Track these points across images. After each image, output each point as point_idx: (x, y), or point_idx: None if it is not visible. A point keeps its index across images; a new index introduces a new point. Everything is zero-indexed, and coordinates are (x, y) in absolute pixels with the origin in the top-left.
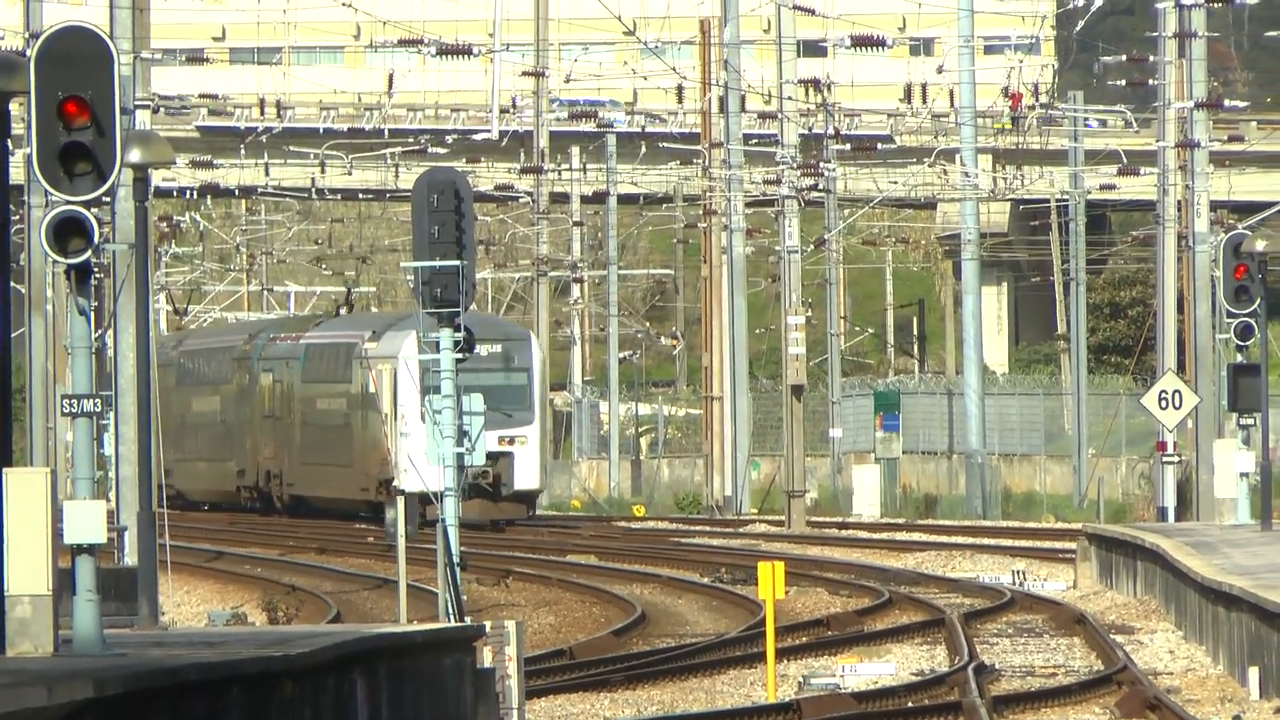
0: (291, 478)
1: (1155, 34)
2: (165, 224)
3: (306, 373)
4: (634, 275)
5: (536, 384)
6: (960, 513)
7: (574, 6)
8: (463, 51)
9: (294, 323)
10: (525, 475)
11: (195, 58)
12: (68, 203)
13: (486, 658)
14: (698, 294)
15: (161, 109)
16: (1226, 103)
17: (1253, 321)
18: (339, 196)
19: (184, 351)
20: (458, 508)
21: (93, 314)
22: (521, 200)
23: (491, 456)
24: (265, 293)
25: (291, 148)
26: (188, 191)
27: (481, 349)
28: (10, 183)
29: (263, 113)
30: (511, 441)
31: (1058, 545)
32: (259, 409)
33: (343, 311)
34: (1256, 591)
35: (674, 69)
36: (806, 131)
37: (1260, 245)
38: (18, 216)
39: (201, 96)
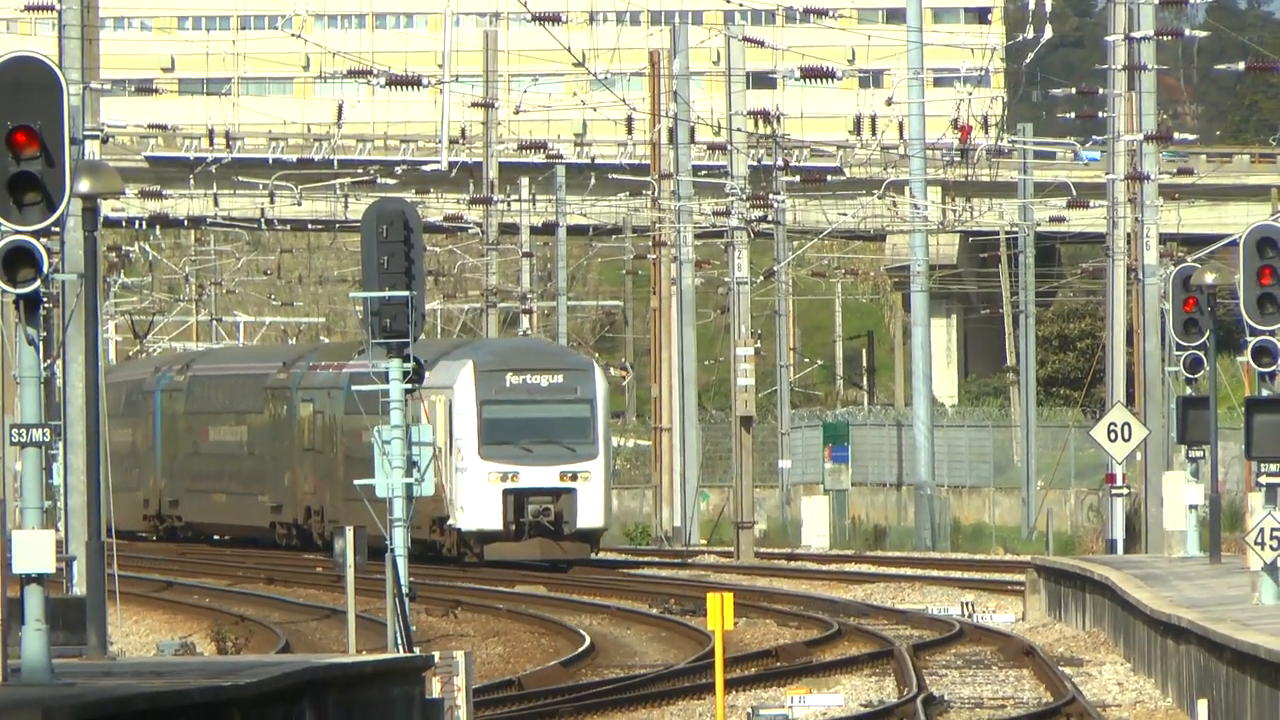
0: (334, 514)
1: (1105, 67)
2: (114, 254)
3: (351, 404)
4: (583, 306)
5: (600, 416)
6: (909, 544)
7: (523, 39)
8: (412, 82)
9: (334, 350)
10: (588, 513)
11: (144, 88)
12: (17, 232)
13: (435, 688)
14: (647, 325)
15: (110, 139)
16: (1176, 135)
17: (1202, 354)
18: (288, 227)
19: (196, 377)
20: (406, 538)
21: (41, 344)
22: (470, 231)
23: (553, 493)
24: (214, 323)
25: (240, 178)
26: (137, 221)
27: (541, 379)
28: None
29: (212, 143)
30: (574, 477)
31: (1006, 577)
32: (298, 441)
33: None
34: (1205, 624)
35: (623, 100)
36: (756, 163)
37: (1209, 278)
38: None
39: (150, 127)
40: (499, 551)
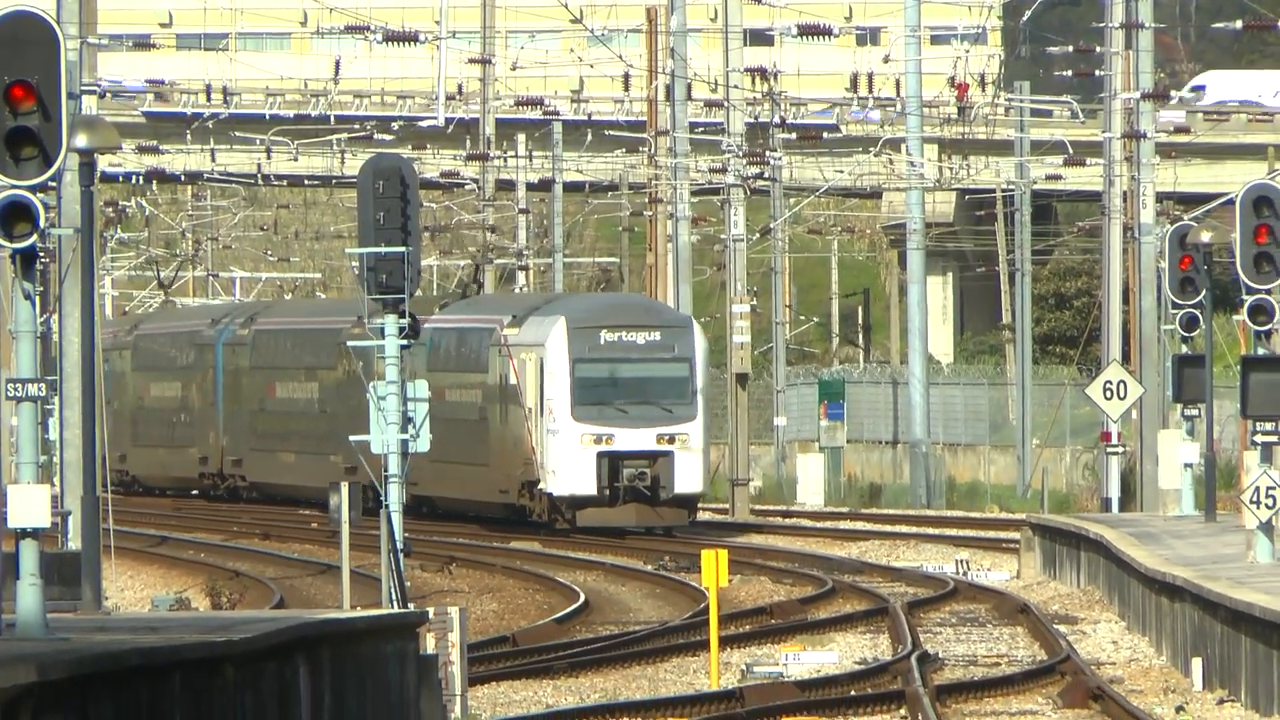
0: (415, 477)
1: (1102, 25)
2: (111, 209)
3: (432, 361)
4: (580, 263)
5: (699, 375)
6: (904, 502)
7: None
8: (409, 38)
9: (417, 304)
10: (686, 478)
11: (142, 43)
12: (14, 187)
13: (429, 644)
14: (643, 282)
15: (108, 94)
16: (1173, 94)
17: (1198, 313)
18: (285, 182)
19: (262, 331)
20: (402, 493)
21: (38, 298)
22: (467, 187)
23: (649, 456)
24: (210, 278)
25: (237, 134)
26: (134, 177)
27: (637, 336)
28: None
29: (209, 99)
30: (671, 440)
31: (1001, 535)
32: None
33: (469, 291)
34: (1200, 582)
35: (620, 57)
36: (753, 120)
37: (1206, 237)
38: None
39: (148, 82)
40: (592, 518)
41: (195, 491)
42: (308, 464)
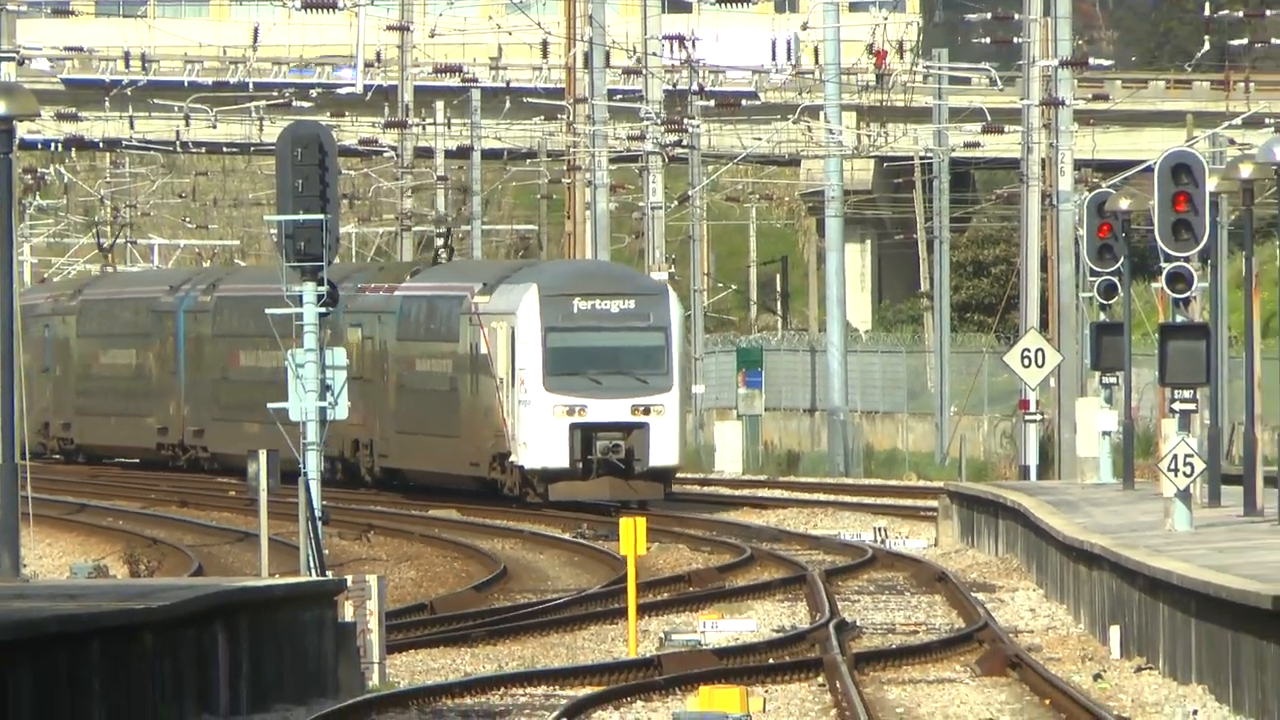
0: (384, 449)
1: None
2: (30, 176)
3: (403, 330)
4: (498, 231)
5: (675, 345)
6: (822, 470)
7: None
8: (327, 5)
9: (386, 271)
10: (662, 450)
11: (61, 10)
12: None
13: (348, 612)
14: (561, 249)
15: (26, 61)
16: (1091, 61)
17: (1116, 280)
18: (203, 150)
19: (225, 298)
20: (320, 461)
21: None
22: (386, 155)
23: (624, 428)
24: (129, 245)
25: (156, 101)
26: (52, 144)
27: (611, 305)
28: None
29: (127, 65)
30: (646, 411)
31: (920, 503)
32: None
33: (442, 258)
34: (1118, 550)
35: (539, 24)
36: (671, 88)
37: (1124, 204)
38: None
39: (67, 49)
40: (565, 491)
41: (138, 460)
42: (272, 436)
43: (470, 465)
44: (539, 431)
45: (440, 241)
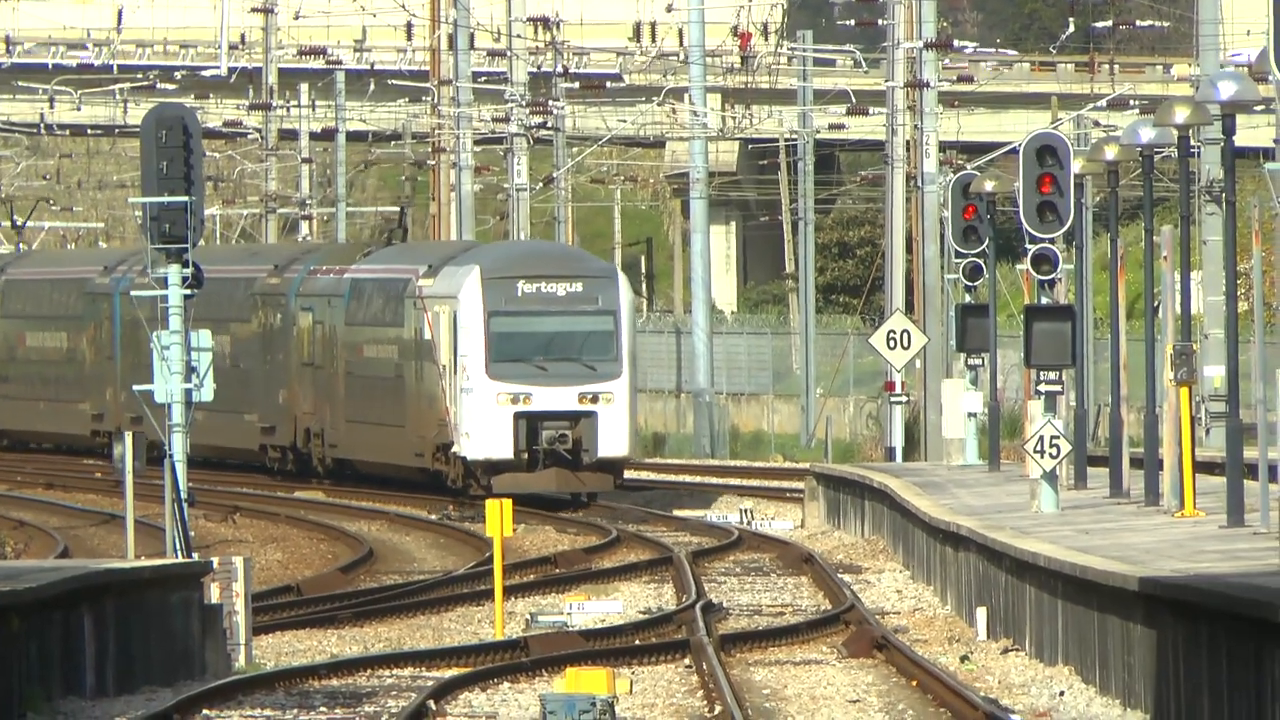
0: (335, 438)
1: None
2: None
3: (351, 314)
4: (362, 212)
5: (625, 330)
6: (688, 451)
7: None
8: None
9: (340, 252)
10: (611, 440)
11: None
12: None
13: (214, 593)
14: (426, 231)
15: None
16: (956, 43)
17: (981, 262)
18: (68, 132)
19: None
20: (186, 444)
21: None
22: (250, 137)
23: (571, 417)
24: None
25: (20, 83)
26: None
27: (558, 288)
28: None
29: None
30: (595, 399)
31: (786, 485)
32: (295, 355)
33: (395, 238)
34: (984, 532)
35: (404, 6)
36: (535, 70)
37: (989, 186)
38: None
39: None
40: (509, 483)
41: (64, 447)
42: (219, 423)
43: (415, 456)
44: (482, 421)
45: (400, 219)
